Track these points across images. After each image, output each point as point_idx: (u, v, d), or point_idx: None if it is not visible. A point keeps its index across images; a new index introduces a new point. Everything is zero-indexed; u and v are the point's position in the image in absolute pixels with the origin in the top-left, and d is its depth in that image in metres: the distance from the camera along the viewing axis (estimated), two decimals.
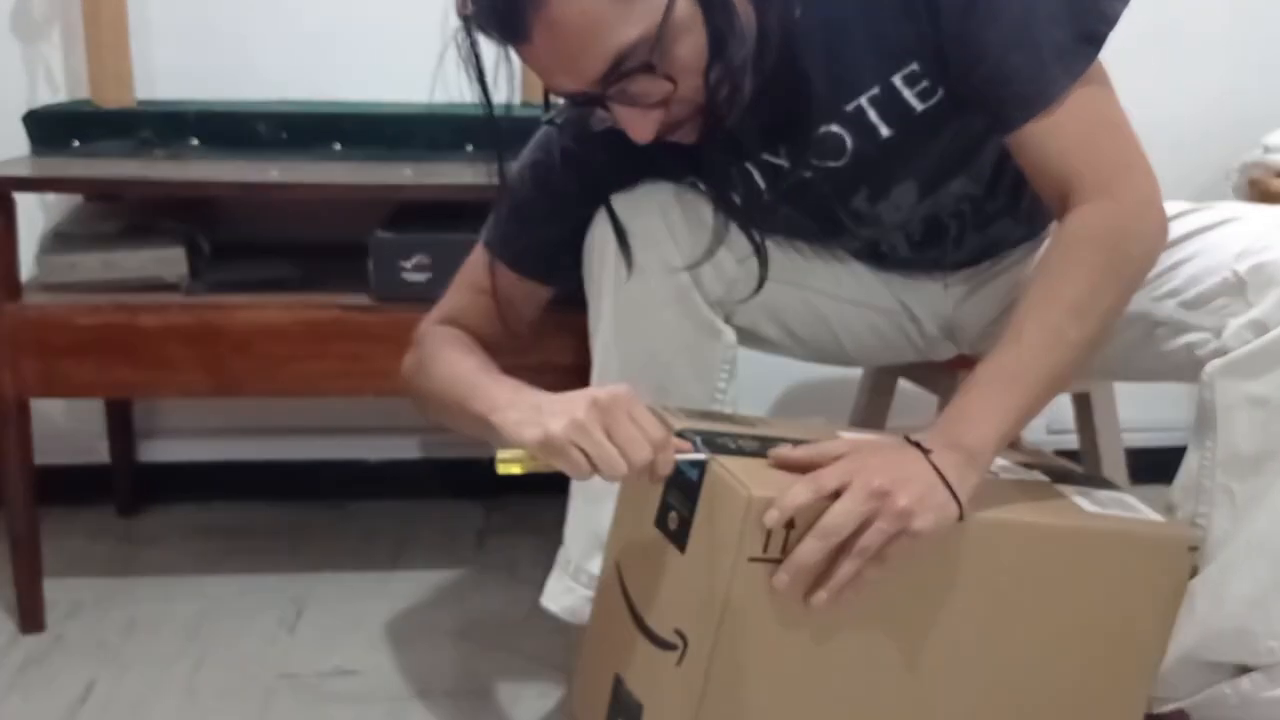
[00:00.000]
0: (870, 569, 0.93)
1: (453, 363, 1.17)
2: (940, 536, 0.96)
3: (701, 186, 1.22)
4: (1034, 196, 1.19)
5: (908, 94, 1.12)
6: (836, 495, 0.92)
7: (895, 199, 1.22)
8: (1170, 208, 1.11)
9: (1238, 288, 1.07)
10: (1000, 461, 1.14)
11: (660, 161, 1.18)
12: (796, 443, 1.01)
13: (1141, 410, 1.97)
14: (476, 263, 1.29)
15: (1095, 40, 1.04)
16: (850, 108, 1.13)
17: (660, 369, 1.21)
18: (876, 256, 1.32)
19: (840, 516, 0.92)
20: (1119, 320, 1.08)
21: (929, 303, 1.36)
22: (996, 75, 1.05)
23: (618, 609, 1.08)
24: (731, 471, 0.95)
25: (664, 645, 1.00)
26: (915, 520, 0.93)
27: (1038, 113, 1.04)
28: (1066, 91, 1.04)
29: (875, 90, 1.12)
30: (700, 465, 0.98)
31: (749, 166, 1.21)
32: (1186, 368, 1.12)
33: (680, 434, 1.01)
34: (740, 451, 1.00)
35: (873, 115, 1.13)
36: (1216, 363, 1.07)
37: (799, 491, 0.92)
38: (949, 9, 1.05)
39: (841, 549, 0.93)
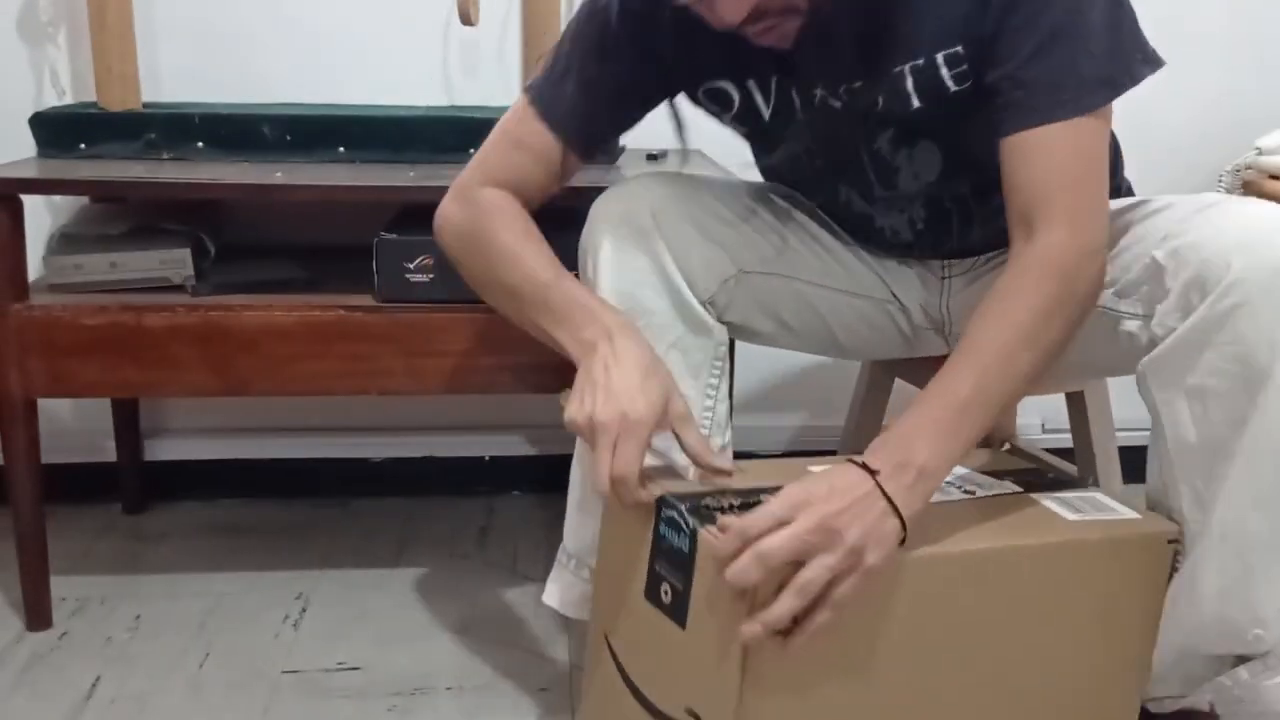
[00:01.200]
0: (821, 612, 0.91)
1: (522, 254, 1.19)
2: (889, 573, 0.94)
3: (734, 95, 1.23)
4: None
5: (945, 73, 1.13)
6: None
7: (919, 162, 1.22)
8: (1116, 202, 1.14)
9: (1158, 273, 1.07)
10: (970, 474, 1.15)
11: (710, 54, 1.19)
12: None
13: (1135, 408, 1.98)
14: (520, 116, 1.26)
15: (1115, 87, 1.07)
16: (895, 70, 1.14)
17: None
18: (873, 238, 1.32)
19: (781, 542, 0.89)
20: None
21: (921, 293, 1.37)
22: (1015, 78, 1.07)
23: (615, 686, 1.06)
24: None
25: None
26: (866, 556, 0.92)
27: (1037, 125, 1.06)
28: (1071, 118, 1.05)
29: (920, 60, 1.13)
30: (689, 535, 0.94)
31: (791, 89, 1.21)
32: (1135, 358, 1.13)
33: (662, 500, 0.99)
34: (728, 510, 0.97)
35: (909, 84, 1.14)
36: (1146, 360, 1.08)
37: (743, 566, 0.89)
38: (998, 4, 1.07)
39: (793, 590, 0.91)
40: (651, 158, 1.76)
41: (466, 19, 1.73)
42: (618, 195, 1.24)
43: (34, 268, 1.54)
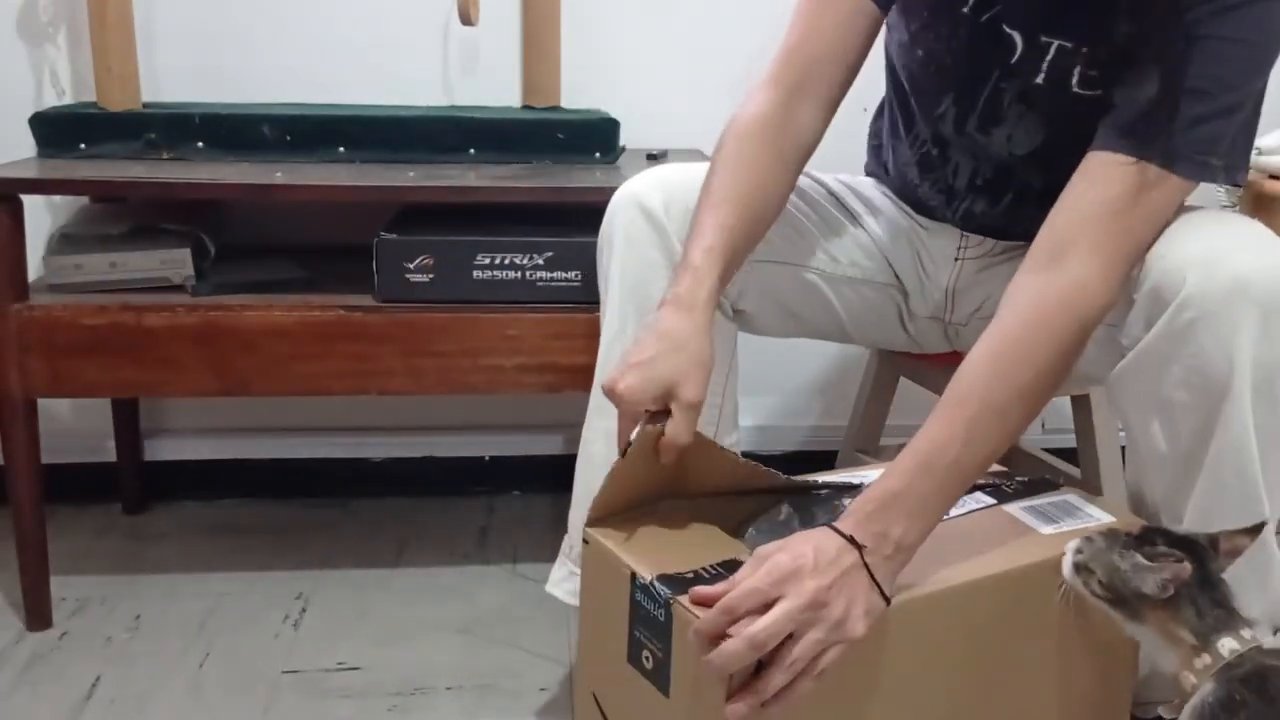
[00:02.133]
0: (803, 682, 0.89)
1: (705, 203, 1.14)
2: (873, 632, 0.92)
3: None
4: None
5: (1078, 70, 1.13)
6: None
7: (1022, 129, 1.20)
8: None
9: (1127, 283, 1.07)
10: None
11: None
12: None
13: None
14: None
15: (1213, 174, 1.05)
16: (1044, 39, 1.14)
17: None
18: (930, 171, 1.31)
19: (773, 626, 0.87)
20: None
21: (927, 274, 1.36)
22: (1136, 99, 1.05)
23: None
24: (698, 612, 0.90)
25: None
26: (851, 627, 0.90)
27: (1133, 156, 1.04)
28: (1165, 168, 1.04)
29: (1070, 44, 1.13)
30: (664, 606, 0.94)
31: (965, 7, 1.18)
32: (1108, 365, 1.13)
33: (639, 584, 0.97)
34: (700, 578, 0.95)
35: (1049, 57, 1.14)
36: (1114, 372, 1.08)
37: (734, 651, 0.87)
38: (1159, 23, 1.04)
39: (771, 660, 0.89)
40: (652, 158, 1.76)
41: (466, 19, 1.74)
42: (634, 186, 1.26)
43: (34, 268, 1.55)
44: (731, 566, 0.95)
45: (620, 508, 1.07)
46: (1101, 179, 1.05)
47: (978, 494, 1.13)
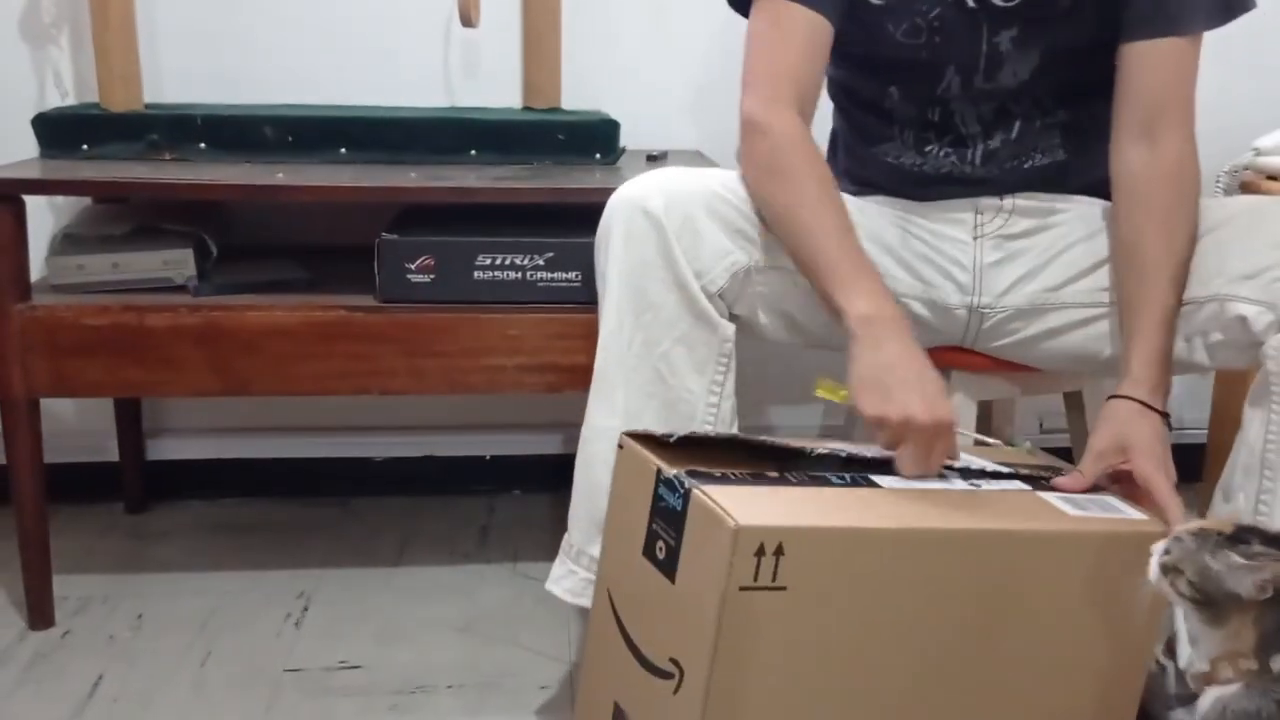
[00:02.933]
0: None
1: (812, 214, 1.22)
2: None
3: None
4: (1092, 125, 1.29)
5: None
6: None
7: (1025, 59, 1.28)
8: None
9: None
10: (983, 464, 1.17)
11: None
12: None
13: None
14: (773, 18, 1.26)
15: (1232, 12, 1.23)
16: None
17: (659, 359, 1.23)
18: (942, 135, 1.34)
19: (1164, 487, 1.11)
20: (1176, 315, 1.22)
21: (955, 258, 1.37)
22: None
23: (613, 637, 1.09)
24: (716, 500, 0.95)
25: (661, 674, 1.01)
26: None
27: (1168, 35, 1.20)
28: (1196, 34, 1.21)
29: None
30: (684, 493, 0.98)
31: None
32: (1237, 349, 1.19)
33: (662, 478, 1.02)
34: (726, 480, 1.00)
35: None
36: (1279, 337, 1.13)
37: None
38: None
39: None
40: (651, 159, 1.76)
41: (467, 20, 1.74)
42: (634, 186, 1.26)
43: (36, 268, 1.55)
44: (758, 476, 1.03)
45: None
46: (1164, 63, 1.21)
47: (1016, 482, 1.15)
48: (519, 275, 1.53)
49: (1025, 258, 1.36)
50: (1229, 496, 1.16)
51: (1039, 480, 1.16)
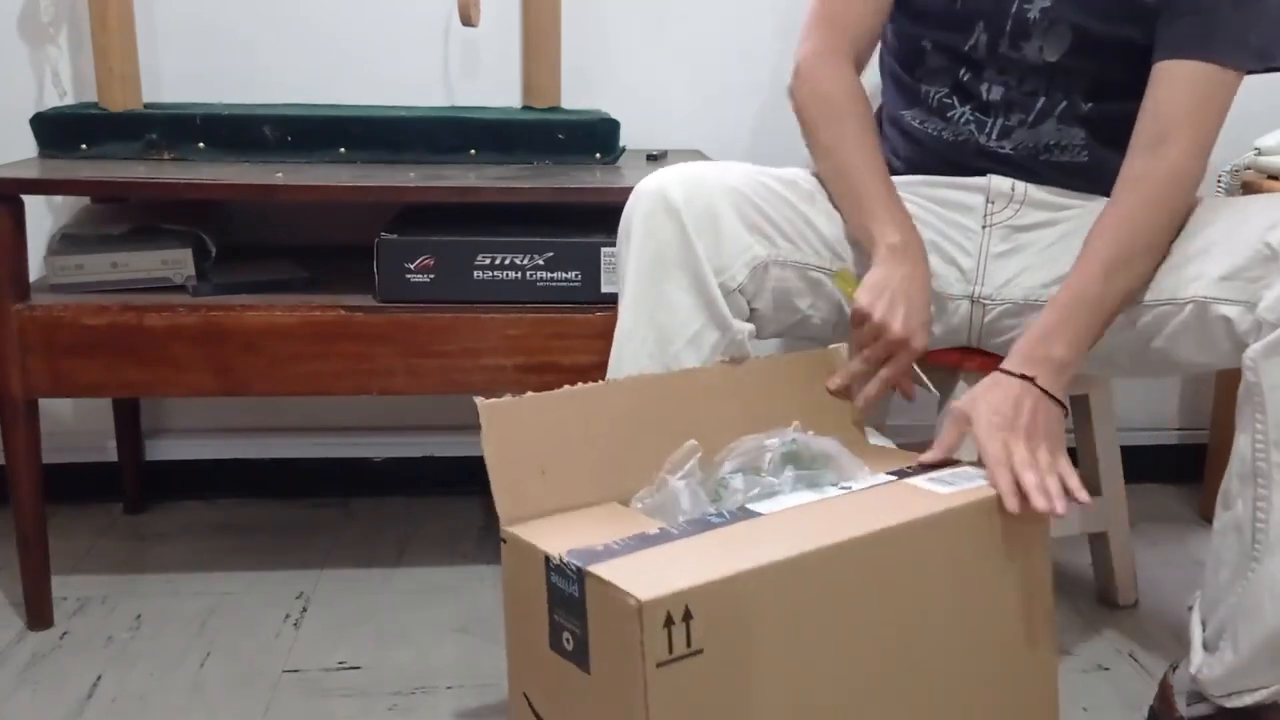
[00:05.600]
0: (1064, 468, 1.15)
1: (851, 152, 1.34)
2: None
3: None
4: (1116, 130, 1.30)
5: None
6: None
7: (1054, 37, 1.31)
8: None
9: (1270, 259, 1.13)
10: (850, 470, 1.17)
11: None
12: None
13: (1137, 409, 1.98)
14: None
15: (1263, 60, 1.28)
16: None
17: (671, 359, 1.23)
18: (964, 99, 1.37)
19: (991, 450, 1.13)
20: (1158, 311, 1.24)
21: (962, 243, 1.38)
22: (1198, 6, 1.23)
23: None
24: (611, 579, 0.91)
25: None
26: (1053, 434, 1.17)
27: (1197, 59, 1.23)
28: (1227, 67, 1.24)
29: None
30: (577, 579, 0.94)
31: None
32: (1225, 349, 1.18)
33: (551, 565, 0.98)
34: (611, 553, 0.97)
35: None
36: (1257, 346, 1.12)
37: (943, 441, 1.18)
38: None
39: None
40: (651, 158, 1.76)
41: (467, 19, 1.74)
42: (656, 178, 1.26)
43: (35, 268, 1.55)
44: (641, 538, 1.00)
45: None
46: (1186, 82, 1.24)
47: (880, 475, 1.16)
48: (519, 275, 1.52)
49: (1028, 251, 1.36)
50: (1229, 504, 1.16)
51: (905, 470, 1.17)
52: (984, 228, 1.37)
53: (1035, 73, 1.33)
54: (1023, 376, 1.19)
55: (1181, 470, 2.08)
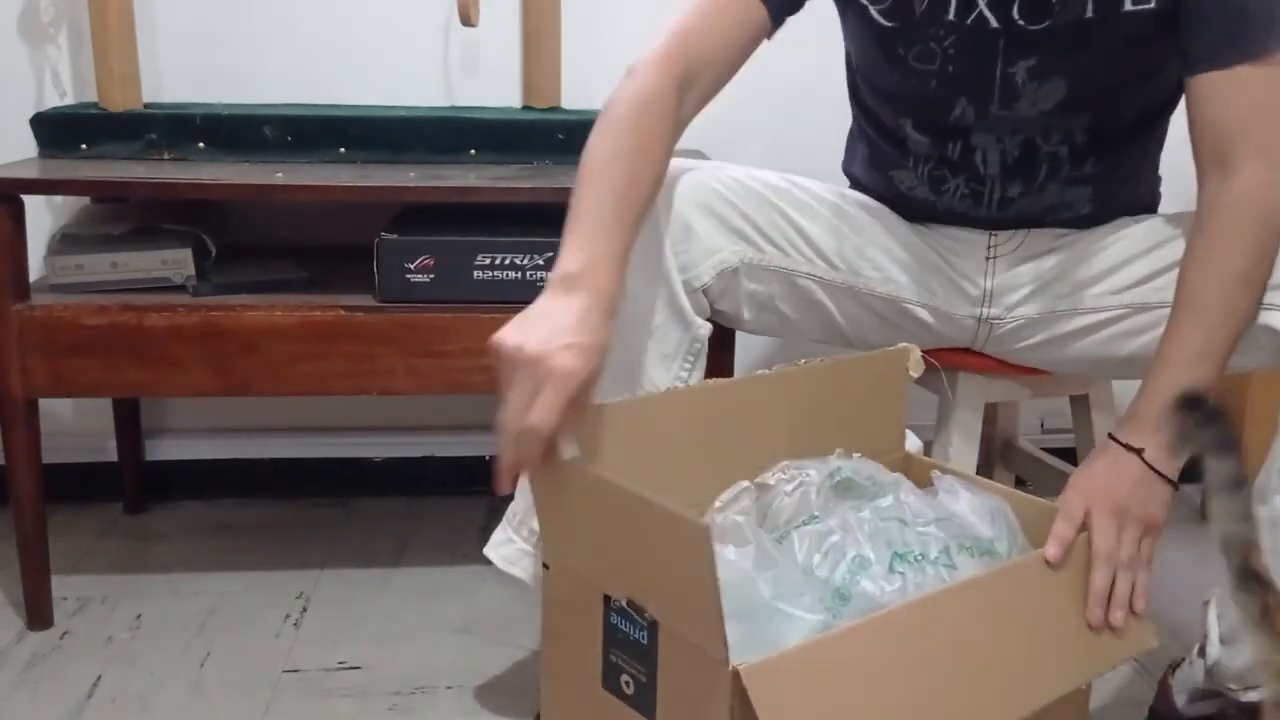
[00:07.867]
0: (1143, 574, 1.07)
1: (615, 169, 1.14)
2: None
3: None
4: (1122, 183, 1.27)
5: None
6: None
7: (1047, 89, 1.23)
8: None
9: None
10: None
11: None
12: None
13: None
14: None
15: None
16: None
17: (631, 355, 1.24)
18: (958, 171, 1.31)
19: (1101, 540, 1.05)
20: None
21: (965, 272, 1.36)
22: (1205, 15, 1.13)
23: None
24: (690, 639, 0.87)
25: None
26: (1155, 519, 1.08)
27: (1233, 64, 1.12)
28: (1261, 59, 1.12)
29: None
30: (647, 628, 0.90)
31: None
32: (1272, 349, 1.16)
33: (615, 606, 0.92)
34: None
35: None
36: None
37: (1060, 533, 1.06)
38: None
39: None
40: None
41: (466, 19, 1.74)
42: (700, 176, 1.26)
43: (35, 268, 1.55)
44: None
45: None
46: (1232, 90, 1.13)
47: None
48: (518, 275, 1.52)
49: (1040, 270, 1.34)
50: (1265, 499, 1.15)
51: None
52: (989, 259, 1.36)
53: (1029, 124, 1.26)
54: (1132, 449, 1.11)
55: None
